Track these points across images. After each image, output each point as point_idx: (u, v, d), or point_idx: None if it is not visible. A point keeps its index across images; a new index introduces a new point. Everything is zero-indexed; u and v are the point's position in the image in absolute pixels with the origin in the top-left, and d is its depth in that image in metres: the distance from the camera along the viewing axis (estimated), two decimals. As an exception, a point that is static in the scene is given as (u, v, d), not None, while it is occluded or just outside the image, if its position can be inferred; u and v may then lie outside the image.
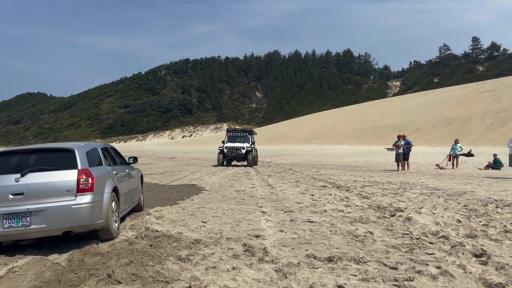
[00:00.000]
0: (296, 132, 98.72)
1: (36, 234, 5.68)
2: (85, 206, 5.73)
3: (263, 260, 4.93)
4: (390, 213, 7.42)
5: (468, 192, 10.20)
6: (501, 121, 59.34)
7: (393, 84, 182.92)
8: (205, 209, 8.95)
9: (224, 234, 6.31)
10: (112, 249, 5.63)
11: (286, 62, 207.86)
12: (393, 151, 55.30)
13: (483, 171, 20.29)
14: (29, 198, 5.56)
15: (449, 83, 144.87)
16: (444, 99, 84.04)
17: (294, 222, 7.09)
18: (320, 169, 21.92)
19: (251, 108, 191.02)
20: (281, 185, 13.08)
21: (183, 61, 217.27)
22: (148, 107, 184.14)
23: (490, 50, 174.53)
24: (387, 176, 16.06)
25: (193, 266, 4.81)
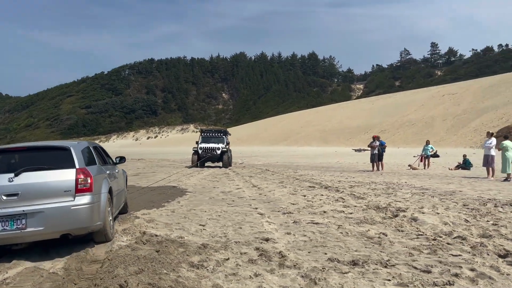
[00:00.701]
0: (263, 133, 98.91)
1: (33, 237, 5.24)
2: (84, 207, 5.39)
3: (283, 265, 4.63)
4: (392, 214, 7.30)
5: (457, 191, 10.31)
6: (461, 123, 61.78)
7: (357, 87, 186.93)
8: (197, 212, 8.55)
9: (231, 238, 5.97)
10: (113, 256, 5.16)
11: (252, 64, 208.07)
12: (361, 152, 56.41)
13: (454, 171, 20.78)
14: (24, 199, 5.14)
15: (409, 86, 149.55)
16: (407, 102, 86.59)
17: (299, 224, 6.83)
18: (296, 170, 21.82)
19: (217, 109, 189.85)
20: (266, 186, 12.81)
21: (148, 61, 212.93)
22: (111, 108, 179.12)
23: (448, 55, 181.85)
24: (367, 177, 16.12)
25: (211, 273, 4.45)
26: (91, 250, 5.81)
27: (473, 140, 52.90)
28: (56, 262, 5.30)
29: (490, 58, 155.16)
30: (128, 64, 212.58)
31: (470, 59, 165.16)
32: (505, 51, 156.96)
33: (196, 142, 25.64)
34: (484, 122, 57.61)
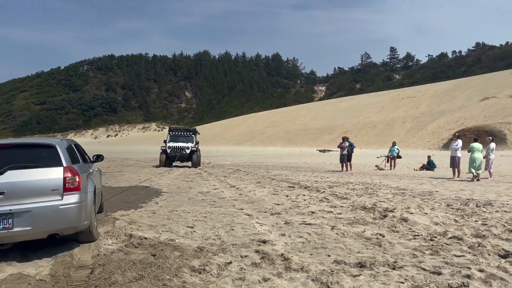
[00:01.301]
0: (228, 133, 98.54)
1: (20, 237, 5.06)
2: (73, 206, 5.24)
3: (289, 268, 4.48)
4: (380, 214, 7.32)
5: (433, 192, 10.54)
6: (420, 126, 64.11)
7: (319, 88, 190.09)
8: (180, 213, 8.25)
9: (226, 240, 5.75)
10: (105, 261, 4.82)
11: (216, 63, 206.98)
12: (325, 152, 57.20)
13: (419, 172, 21.39)
14: (10, 198, 4.95)
15: (370, 89, 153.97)
16: (368, 104, 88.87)
17: (291, 225, 6.71)
18: (268, 170, 21.77)
19: (180, 107, 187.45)
20: (244, 186, 12.63)
21: (108, 57, 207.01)
22: (68, 104, 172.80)
23: (406, 60, 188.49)
24: (340, 177, 16.27)
25: (216, 278, 4.24)
26: (76, 255, 5.45)
27: (431, 142, 54.96)
28: (39, 267, 4.93)
29: (445, 64, 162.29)
30: (86, 60, 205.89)
31: (426, 64, 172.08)
32: (458, 57, 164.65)
33: (164, 141, 25.05)
34: (441, 125, 60.03)
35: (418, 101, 78.76)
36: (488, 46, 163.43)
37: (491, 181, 14.32)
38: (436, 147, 51.23)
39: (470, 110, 61.18)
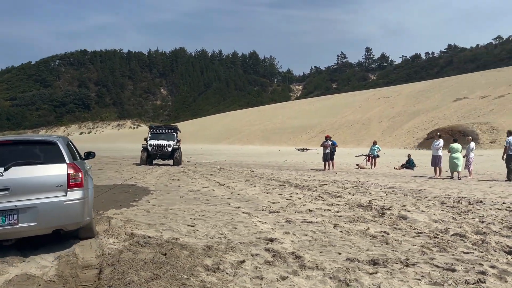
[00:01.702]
0: (205, 131, 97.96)
1: (25, 233, 5.13)
2: (77, 202, 5.35)
3: (304, 266, 4.47)
4: (378, 212, 7.41)
5: (422, 190, 10.75)
6: (396, 125, 65.38)
7: (296, 87, 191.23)
8: (175, 212, 8.14)
9: (232, 239, 5.70)
10: (113, 261, 4.70)
11: (193, 60, 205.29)
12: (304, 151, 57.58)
13: (400, 171, 21.76)
14: (15, 194, 5.00)
15: (345, 89, 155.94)
16: (345, 104, 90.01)
17: (293, 223, 6.70)
18: (251, 168, 21.75)
19: (155, 105, 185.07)
20: (234, 184, 12.57)
21: (80, 52, 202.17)
22: (39, 100, 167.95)
23: (380, 60, 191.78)
24: (326, 176, 16.41)
25: (233, 277, 4.19)
26: (79, 254, 5.31)
27: (406, 141, 56.12)
28: (43, 267, 4.78)
29: (418, 65, 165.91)
30: (58, 55, 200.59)
31: (400, 65, 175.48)
32: (431, 59, 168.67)
33: (145, 138, 24.66)
34: (416, 125, 61.38)
35: (394, 101, 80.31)
36: (459, 48, 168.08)
37: (471, 179, 14.71)
38: (412, 146, 52.34)
39: (443, 111, 62.81)
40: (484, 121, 50.83)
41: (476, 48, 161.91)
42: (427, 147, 52.12)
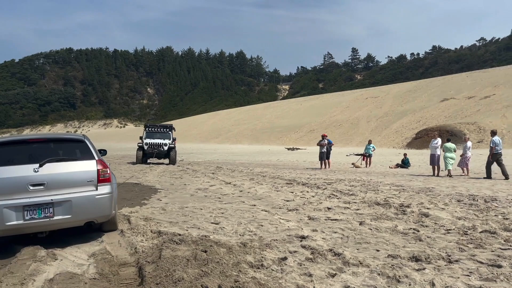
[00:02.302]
0: (193, 130, 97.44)
1: (60, 225, 5.44)
2: (106, 196, 5.69)
3: (348, 263, 4.46)
4: (398, 209, 7.44)
5: (430, 188, 10.82)
6: (384, 125, 65.93)
7: (283, 87, 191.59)
8: (192, 209, 8.07)
9: (264, 236, 5.66)
10: (153, 258, 4.61)
11: (180, 59, 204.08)
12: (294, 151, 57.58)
13: (395, 170, 21.93)
14: (50, 188, 5.31)
15: (332, 89, 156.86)
16: (333, 104, 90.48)
17: (318, 221, 6.69)
18: (248, 167, 21.69)
19: (142, 104, 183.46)
20: (241, 182, 12.50)
21: (66, 50, 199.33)
22: (23, 99, 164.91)
23: (366, 61, 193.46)
24: (326, 174, 16.43)
25: (281, 273, 4.15)
26: (110, 252, 5.21)
27: (395, 140, 56.66)
28: (80, 265, 4.71)
29: (404, 65, 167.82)
30: (43, 53, 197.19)
31: (386, 66, 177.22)
32: (416, 60, 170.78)
33: (140, 137, 24.44)
34: (404, 124, 62.03)
35: (381, 101, 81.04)
36: (443, 50, 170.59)
37: (468, 178, 14.87)
38: (401, 145, 52.88)
39: (431, 111, 63.61)
40: (471, 121, 51.62)
41: (460, 49, 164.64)
42: (415, 146, 52.75)
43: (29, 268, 4.46)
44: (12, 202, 5.12)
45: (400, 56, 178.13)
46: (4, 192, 5.14)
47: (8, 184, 5.18)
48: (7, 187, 5.16)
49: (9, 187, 5.17)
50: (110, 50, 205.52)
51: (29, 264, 4.62)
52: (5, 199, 5.12)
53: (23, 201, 5.16)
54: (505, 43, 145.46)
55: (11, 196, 5.15)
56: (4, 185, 5.15)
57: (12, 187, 5.18)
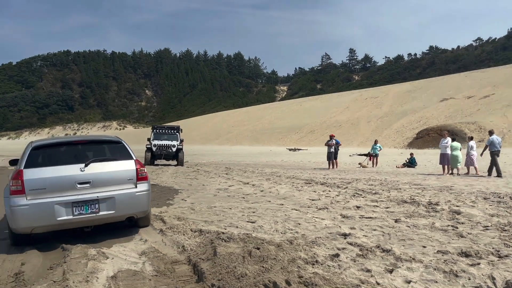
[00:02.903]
0: (193, 132, 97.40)
1: (104, 220, 5.89)
2: (144, 193, 6.15)
3: (400, 259, 4.53)
4: (427, 207, 7.54)
5: (450, 187, 10.93)
6: (384, 125, 66.22)
7: (281, 88, 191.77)
8: (221, 209, 8.14)
9: (307, 234, 5.73)
10: (207, 256, 4.68)
11: (178, 61, 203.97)
12: (296, 151, 57.67)
13: (403, 169, 22.03)
14: (95, 186, 5.75)
15: (330, 89, 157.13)
16: (333, 104, 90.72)
17: (352, 219, 6.77)
18: (257, 168, 21.76)
19: (140, 106, 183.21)
20: (259, 183, 12.56)
21: (63, 53, 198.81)
22: (21, 101, 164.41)
23: (364, 61, 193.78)
24: (339, 174, 16.52)
25: (339, 269, 4.23)
26: (158, 250, 5.27)
27: (396, 140, 56.90)
28: (134, 263, 4.78)
29: (401, 66, 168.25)
30: (40, 55, 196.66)
31: (383, 66, 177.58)
32: (414, 60, 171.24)
33: (148, 139, 24.50)
34: (405, 124, 62.30)
35: (381, 101, 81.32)
36: (440, 50, 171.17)
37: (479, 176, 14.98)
38: (402, 145, 53.09)
39: (431, 110, 63.90)
40: (472, 121, 51.90)
41: (457, 50, 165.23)
42: (417, 146, 52.96)
43: (87, 266, 4.54)
44: (62, 199, 5.56)
45: (397, 56, 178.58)
46: (55, 189, 5.58)
47: (58, 182, 5.62)
48: (57, 185, 5.60)
49: (59, 185, 5.61)
50: (107, 52, 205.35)
51: (84, 262, 4.70)
52: (56, 196, 5.55)
53: (72, 198, 5.60)
54: (502, 43, 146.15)
55: (61, 194, 5.59)
56: (55, 183, 5.59)
57: (62, 185, 5.62)
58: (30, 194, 5.49)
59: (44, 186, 5.55)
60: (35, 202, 5.47)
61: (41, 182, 5.56)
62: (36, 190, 5.52)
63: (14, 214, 5.47)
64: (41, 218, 5.48)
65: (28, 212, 5.43)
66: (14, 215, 5.47)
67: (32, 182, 5.52)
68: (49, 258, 5.25)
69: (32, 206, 5.45)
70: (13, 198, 5.49)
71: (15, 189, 5.51)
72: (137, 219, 6.40)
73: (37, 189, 5.52)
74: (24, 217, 5.44)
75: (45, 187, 5.55)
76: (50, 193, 5.56)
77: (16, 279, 4.44)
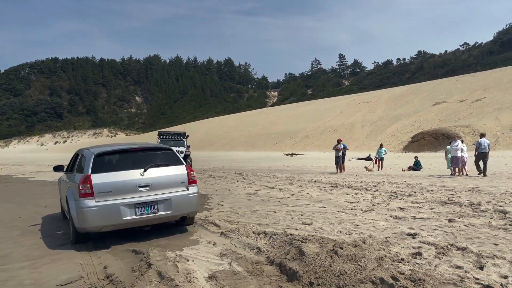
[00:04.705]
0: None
1: (162, 219, 6.53)
2: (195, 195, 6.79)
3: (481, 256, 4.69)
4: (471, 208, 7.72)
5: (475, 188, 11.13)
6: (379, 130, 66.79)
7: (272, 94, 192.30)
8: (264, 212, 8.24)
9: (374, 235, 5.86)
10: (293, 255, 4.77)
11: (167, 67, 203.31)
12: (293, 156, 57.68)
13: (409, 172, 22.30)
14: (154, 189, 6.35)
15: (321, 94, 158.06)
16: (326, 109, 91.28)
17: (405, 220, 6.93)
18: (266, 172, 21.84)
19: (130, 113, 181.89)
20: (286, 187, 12.64)
21: (51, 60, 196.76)
22: (9, 110, 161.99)
23: (353, 66, 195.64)
24: (354, 177, 16.69)
25: (429, 266, 4.37)
26: (236, 252, 5.35)
27: (392, 144, 57.41)
28: (218, 265, 4.83)
29: (390, 71, 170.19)
30: (28, 63, 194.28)
31: (373, 71, 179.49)
32: (403, 65, 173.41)
33: (155, 145, 24.43)
34: (399, 128, 62.95)
35: (374, 105, 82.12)
36: (428, 54, 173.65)
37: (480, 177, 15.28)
38: (397, 149, 53.62)
39: (424, 114, 64.70)
40: (466, 124, 52.67)
41: (445, 54, 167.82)
42: (413, 150, 53.45)
43: (178, 267, 4.61)
44: (126, 200, 6.15)
45: (386, 61, 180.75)
46: (120, 192, 6.16)
47: (123, 186, 6.19)
48: (122, 188, 6.18)
49: (123, 188, 6.19)
50: (96, 59, 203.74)
51: (171, 264, 4.76)
52: (121, 198, 6.14)
53: (135, 200, 6.19)
54: (488, 48, 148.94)
55: (125, 196, 6.17)
56: (119, 186, 6.17)
57: (125, 188, 6.20)
58: (98, 196, 6.04)
59: (110, 189, 6.11)
60: (103, 203, 6.03)
61: (108, 186, 6.12)
62: (103, 193, 6.08)
63: (85, 215, 5.98)
64: (109, 218, 6.04)
65: (98, 212, 5.98)
66: (84, 215, 5.99)
67: (99, 185, 6.07)
68: (124, 262, 5.30)
69: (101, 207, 6.00)
70: (83, 200, 6.00)
71: (84, 192, 6.02)
72: (184, 218, 6.98)
73: (104, 192, 6.08)
74: (94, 217, 5.98)
75: (111, 190, 6.12)
76: (116, 195, 6.13)
77: (110, 282, 4.49)
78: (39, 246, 6.54)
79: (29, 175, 25.38)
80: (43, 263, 5.50)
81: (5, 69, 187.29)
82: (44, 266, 5.34)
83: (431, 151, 49.93)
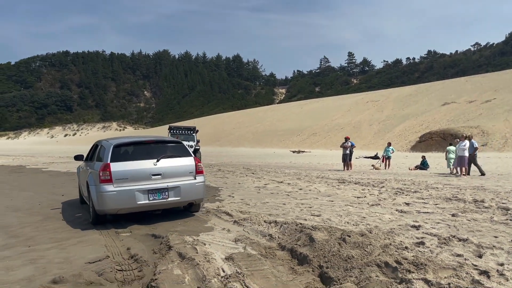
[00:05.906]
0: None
1: (172, 205, 7.33)
2: (202, 184, 7.58)
3: (481, 246, 4.98)
4: (474, 204, 7.99)
5: (479, 187, 11.38)
6: (386, 128, 66.79)
7: (279, 91, 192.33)
8: (274, 204, 8.57)
9: (380, 227, 6.17)
10: (304, 241, 5.10)
11: (177, 63, 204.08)
12: (300, 153, 57.89)
13: (417, 171, 22.48)
14: (165, 177, 7.11)
15: (329, 92, 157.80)
16: (334, 107, 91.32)
17: (410, 214, 7.22)
18: (274, 168, 22.16)
19: (139, 107, 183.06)
20: (293, 182, 12.98)
21: (62, 53, 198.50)
22: (20, 101, 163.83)
23: (362, 65, 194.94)
24: (361, 175, 16.96)
25: (431, 253, 4.67)
26: (250, 238, 5.69)
27: (399, 144, 57.43)
28: (234, 248, 5.15)
29: (400, 70, 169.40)
30: (39, 56, 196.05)
31: (382, 70, 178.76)
32: (412, 64, 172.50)
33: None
34: (407, 128, 62.91)
35: (382, 104, 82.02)
36: (439, 54, 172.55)
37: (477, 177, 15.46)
38: (405, 149, 53.63)
39: (433, 114, 64.58)
40: (475, 125, 52.53)
41: (455, 54, 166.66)
42: (420, 149, 53.47)
43: (196, 249, 4.96)
44: (140, 187, 6.91)
45: (395, 60, 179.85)
46: (135, 179, 6.91)
47: (138, 173, 6.95)
48: (137, 176, 6.93)
49: (138, 176, 6.94)
50: (106, 53, 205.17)
51: (189, 247, 5.12)
52: (136, 185, 6.89)
53: (148, 187, 6.94)
54: (500, 48, 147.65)
55: (140, 183, 6.92)
56: (136, 174, 6.93)
57: (140, 176, 6.95)
58: (116, 182, 6.80)
59: (127, 176, 6.87)
60: (120, 189, 6.79)
61: (125, 173, 6.88)
62: (121, 179, 6.83)
63: (104, 198, 6.75)
64: (125, 202, 6.81)
65: (115, 196, 6.75)
66: (103, 199, 6.76)
67: (117, 173, 6.83)
68: (146, 245, 5.67)
69: (119, 192, 6.78)
70: (103, 185, 6.77)
71: (104, 178, 6.78)
72: (192, 205, 7.80)
73: (122, 178, 6.84)
74: (112, 200, 6.76)
75: (127, 177, 6.87)
76: (131, 182, 6.88)
77: (135, 260, 4.86)
78: (63, 230, 6.95)
79: (42, 166, 25.95)
80: (69, 245, 5.90)
81: (16, 61, 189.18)
82: (71, 247, 5.74)
83: (438, 151, 49.86)
